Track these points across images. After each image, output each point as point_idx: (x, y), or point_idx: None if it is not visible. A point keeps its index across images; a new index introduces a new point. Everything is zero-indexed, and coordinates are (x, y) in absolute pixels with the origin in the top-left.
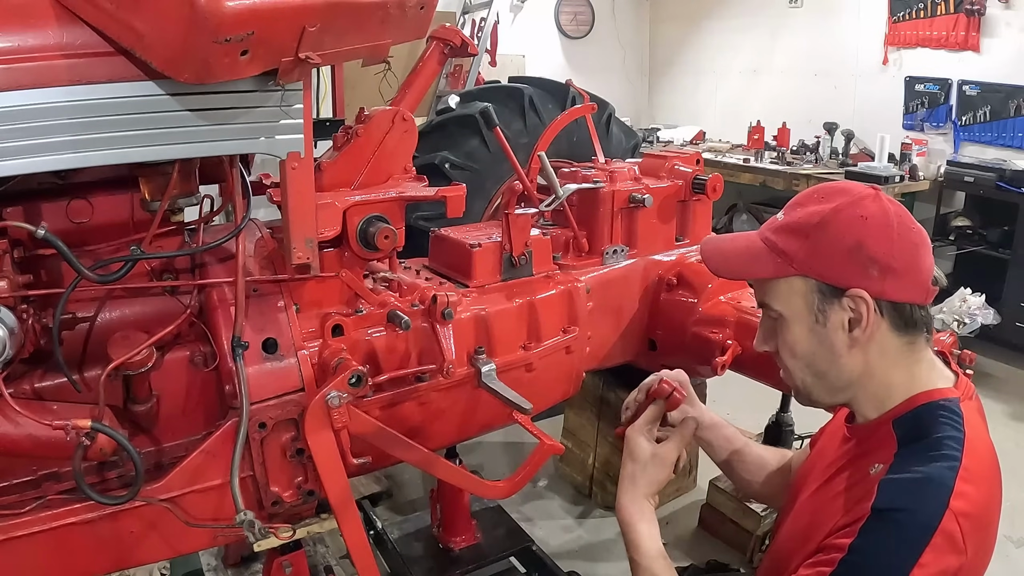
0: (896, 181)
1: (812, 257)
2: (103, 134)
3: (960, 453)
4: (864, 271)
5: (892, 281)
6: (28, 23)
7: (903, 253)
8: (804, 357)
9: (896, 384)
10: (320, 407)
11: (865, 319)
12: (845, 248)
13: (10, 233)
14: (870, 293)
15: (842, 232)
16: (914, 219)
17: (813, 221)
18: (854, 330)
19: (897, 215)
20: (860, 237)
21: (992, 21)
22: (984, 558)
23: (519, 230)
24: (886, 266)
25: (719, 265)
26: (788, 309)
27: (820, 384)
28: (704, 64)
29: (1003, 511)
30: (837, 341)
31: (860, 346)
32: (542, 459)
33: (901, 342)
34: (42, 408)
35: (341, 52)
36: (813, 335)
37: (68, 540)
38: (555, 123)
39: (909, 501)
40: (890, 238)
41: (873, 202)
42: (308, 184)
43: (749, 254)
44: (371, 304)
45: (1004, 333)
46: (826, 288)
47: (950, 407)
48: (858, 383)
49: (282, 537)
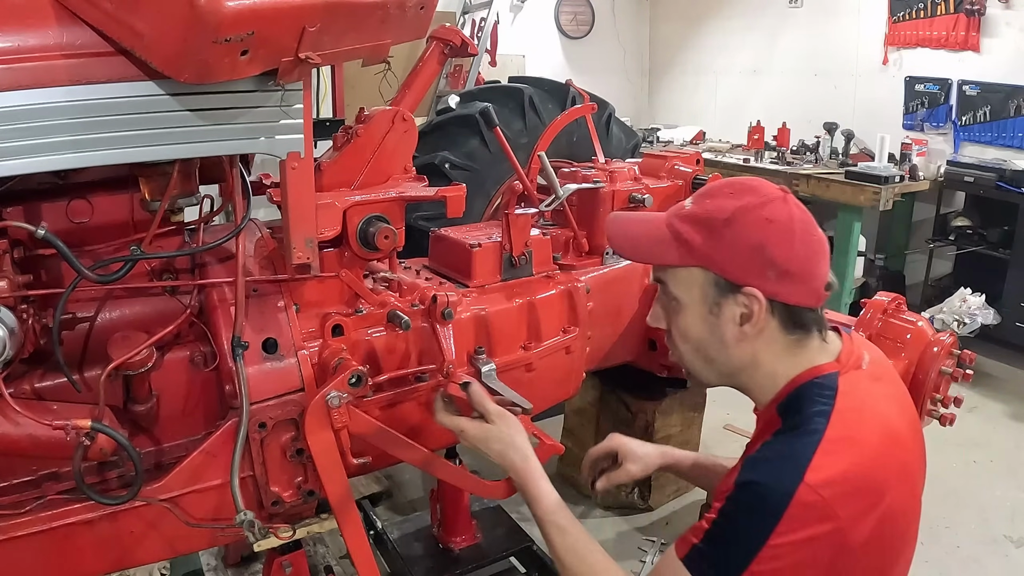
0: (896, 181)
1: (714, 251)
2: (103, 134)
3: (824, 426)
4: (762, 271)
5: (787, 284)
6: (28, 23)
7: (801, 259)
8: (694, 342)
9: (781, 373)
10: (320, 407)
11: (756, 316)
12: (747, 247)
13: (10, 233)
14: (764, 293)
15: (746, 231)
16: (817, 226)
17: (720, 217)
18: (744, 325)
19: (801, 221)
20: (763, 239)
21: (992, 21)
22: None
23: (519, 230)
24: (783, 270)
25: (622, 245)
26: (685, 295)
27: (708, 368)
28: (704, 64)
29: (1003, 511)
30: (727, 333)
31: (749, 340)
32: (542, 459)
33: (789, 340)
34: (42, 408)
35: (341, 52)
36: (705, 324)
37: (68, 540)
38: (555, 123)
39: (765, 475)
40: (791, 243)
41: (781, 206)
42: (308, 184)
43: (654, 239)
44: (371, 304)
45: (1004, 333)
46: (723, 282)
47: (825, 383)
48: (745, 372)
49: (282, 537)
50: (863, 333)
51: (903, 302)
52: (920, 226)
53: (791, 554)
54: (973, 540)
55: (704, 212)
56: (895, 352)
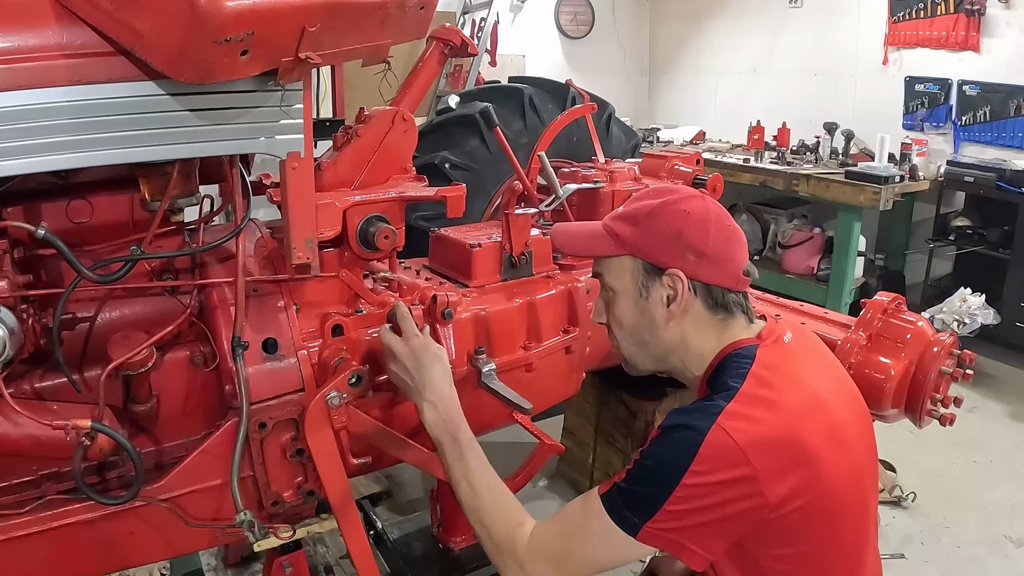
0: (896, 181)
1: (640, 240)
2: (103, 134)
3: (740, 384)
4: (682, 255)
5: (705, 265)
6: (28, 23)
7: (717, 244)
8: (629, 328)
9: (707, 351)
10: (320, 407)
11: (680, 295)
12: (668, 234)
13: (10, 233)
14: (685, 274)
15: (667, 221)
16: (733, 222)
17: (644, 211)
18: (671, 305)
19: (717, 214)
20: (681, 226)
21: (992, 21)
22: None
23: (519, 230)
24: (700, 252)
25: (565, 243)
26: (619, 284)
27: (643, 352)
28: (704, 64)
29: (1003, 511)
30: (657, 314)
31: (676, 319)
32: (542, 459)
33: (714, 319)
34: (42, 408)
35: (341, 52)
36: (637, 308)
37: (68, 540)
38: (555, 123)
39: (682, 419)
40: (707, 230)
41: (698, 201)
42: (308, 184)
43: (591, 236)
44: (371, 304)
45: (1004, 333)
46: (650, 267)
47: (744, 353)
48: (676, 353)
49: (282, 537)
50: (864, 333)
51: (903, 302)
52: (920, 226)
53: (705, 496)
54: (973, 540)
55: (632, 210)
56: (895, 352)
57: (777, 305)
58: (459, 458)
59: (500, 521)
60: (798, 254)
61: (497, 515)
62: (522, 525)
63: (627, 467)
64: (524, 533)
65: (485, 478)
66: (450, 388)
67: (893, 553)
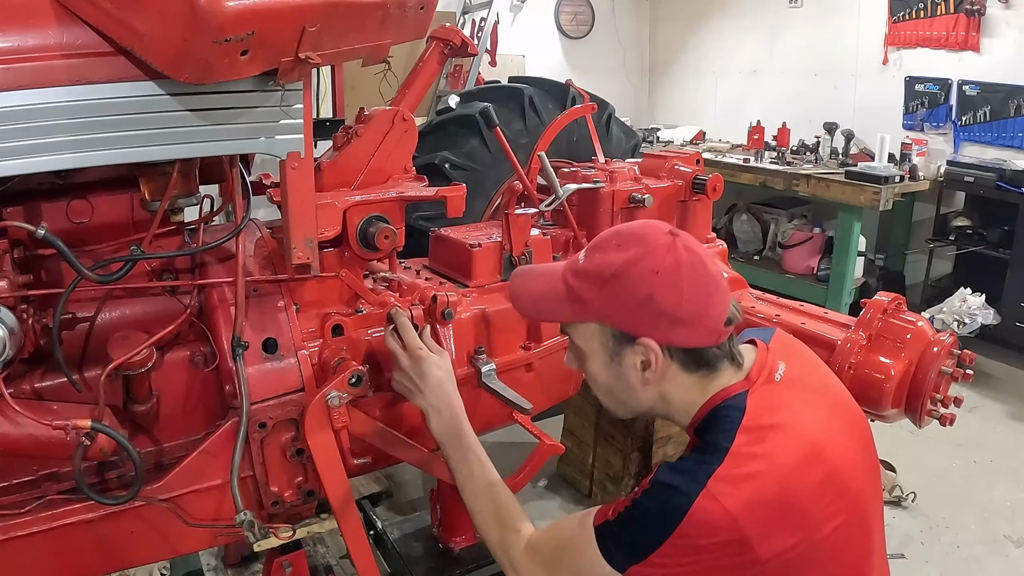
0: (896, 181)
1: (606, 306)
2: (103, 134)
3: (730, 443)
4: (653, 322)
5: (680, 330)
6: (28, 23)
7: (692, 304)
8: (603, 387)
9: (692, 403)
10: (320, 407)
11: (655, 364)
12: (636, 300)
13: (10, 233)
14: (659, 341)
15: (634, 284)
16: (709, 266)
17: (607, 272)
18: (646, 371)
19: (690, 265)
20: (650, 290)
21: (992, 21)
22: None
23: (519, 230)
24: (674, 317)
25: (525, 305)
26: (587, 346)
27: (623, 407)
28: (704, 64)
29: (1003, 511)
30: (632, 379)
31: (653, 383)
32: (542, 459)
33: (695, 377)
34: (42, 408)
35: (341, 52)
36: (610, 371)
37: (68, 540)
38: (555, 123)
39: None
40: (679, 290)
41: (667, 253)
42: (308, 184)
43: (552, 298)
44: (371, 304)
45: (1004, 333)
46: (619, 334)
47: (733, 404)
48: (657, 407)
49: (282, 537)
50: (864, 333)
51: (903, 302)
52: (920, 226)
53: (692, 554)
54: (973, 540)
55: (594, 267)
56: (895, 352)
57: (777, 305)
58: (463, 463)
59: (499, 525)
60: (798, 254)
61: (496, 519)
62: (519, 532)
63: (623, 503)
64: (521, 539)
65: (487, 483)
66: (454, 394)
67: (893, 553)
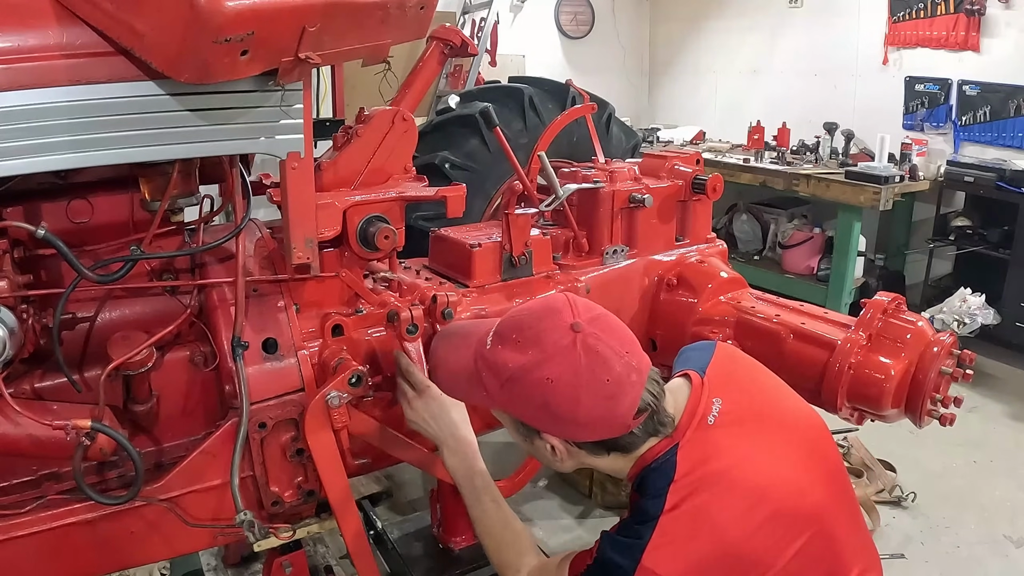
0: (896, 181)
1: (507, 403)
2: (103, 134)
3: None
4: (553, 423)
5: (582, 430)
6: (28, 23)
7: (590, 410)
8: (529, 452)
9: (619, 470)
10: (320, 407)
11: (562, 454)
12: (533, 405)
13: (10, 233)
14: (561, 438)
15: (529, 392)
16: (613, 365)
17: (504, 375)
18: (556, 455)
19: (588, 369)
20: (546, 399)
21: (992, 21)
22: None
23: (519, 230)
24: (572, 420)
25: (444, 381)
26: (503, 420)
27: (559, 468)
28: (704, 64)
29: (1003, 511)
30: (547, 456)
31: (570, 459)
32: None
33: (611, 457)
34: (42, 408)
35: (341, 52)
36: (527, 445)
37: (68, 540)
38: (555, 123)
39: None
40: (576, 398)
41: (563, 360)
42: (308, 184)
43: (464, 378)
44: (371, 304)
45: (1004, 333)
46: (523, 426)
47: (662, 467)
48: (588, 468)
49: (282, 537)
50: (864, 333)
51: (903, 302)
52: (920, 226)
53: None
54: (973, 540)
55: (495, 361)
56: (895, 352)
57: (777, 305)
58: (476, 500)
59: (499, 564)
60: (798, 254)
61: (499, 555)
62: (519, 572)
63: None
64: None
65: (496, 520)
66: (468, 432)
67: (893, 553)
